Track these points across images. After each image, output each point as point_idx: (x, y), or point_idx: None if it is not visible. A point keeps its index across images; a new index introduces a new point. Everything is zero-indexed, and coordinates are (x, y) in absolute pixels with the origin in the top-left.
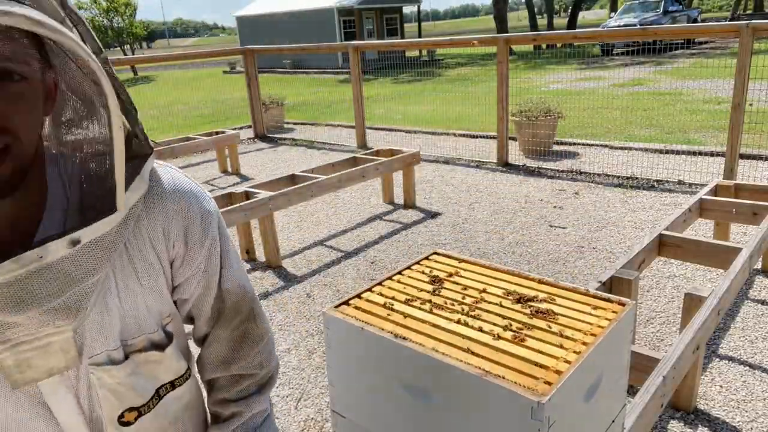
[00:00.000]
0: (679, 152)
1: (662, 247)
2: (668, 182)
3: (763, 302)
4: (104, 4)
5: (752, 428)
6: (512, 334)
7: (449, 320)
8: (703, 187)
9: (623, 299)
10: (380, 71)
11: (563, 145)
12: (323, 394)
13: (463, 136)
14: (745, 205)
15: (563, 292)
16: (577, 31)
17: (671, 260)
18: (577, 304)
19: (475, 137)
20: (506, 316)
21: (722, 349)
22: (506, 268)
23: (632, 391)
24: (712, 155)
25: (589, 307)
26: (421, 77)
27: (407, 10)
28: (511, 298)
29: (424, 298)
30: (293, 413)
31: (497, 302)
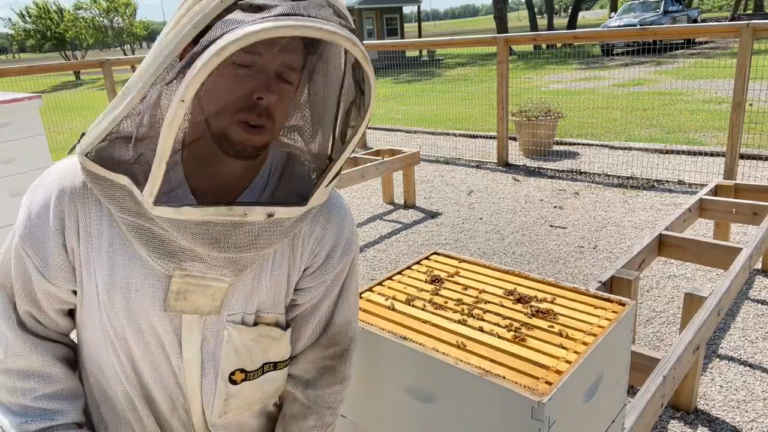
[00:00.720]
0: (679, 152)
1: (662, 247)
2: (668, 182)
3: (763, 302)
4: (104, 4)
5: (752, 428)
6: (512, 334)
7: (449, 320)
8: (703, 187)
9: (623, 299)
10: (380, 71)
11: (563, 145)
12: None
13: (463, 136)
14: (745, 205)
15: (563, 292)
16: (577, 31)
17: (671, 260)
18: (577, 304)
19: (475, 137)
20: (506, 316)
21: (722, 349)
22: (506, 268)
23: (632, 391)
24: (712, 155)
25: (589, 307)
26: (421, 77)
27: (407, 10)
28: (511, 298)
29: (424, 298)
30: None
31: (497, 302)
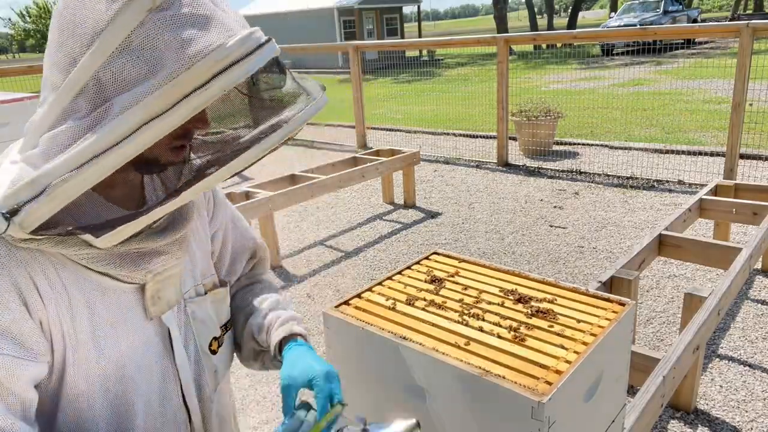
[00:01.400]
0: (679, 152)
1: (662, 247)
2: (668, 182)
3: (763, 302)
4: None
5: (752, 428)
6: (512, 333)
7: (449, 320)
8: (703, 187)
9: (623, 299)
10: (380, 71)
11: (563, 145)
12: None
13: (463, 136)
14: (745, 205)
15: (563, 292)
16: (577, 31)
17: (671, 260)
18: (577, 304)
19: (475, 137)
20: (506, 315)
21: (722, 349)
22: (506, 268)
23: (632, 391)
24: (712, 155)
25: (589, 307)
26: (421, 77)
27: (407, 10)
28: (511, 298)
29: (424, 297)
30: None
31: (497, 302)
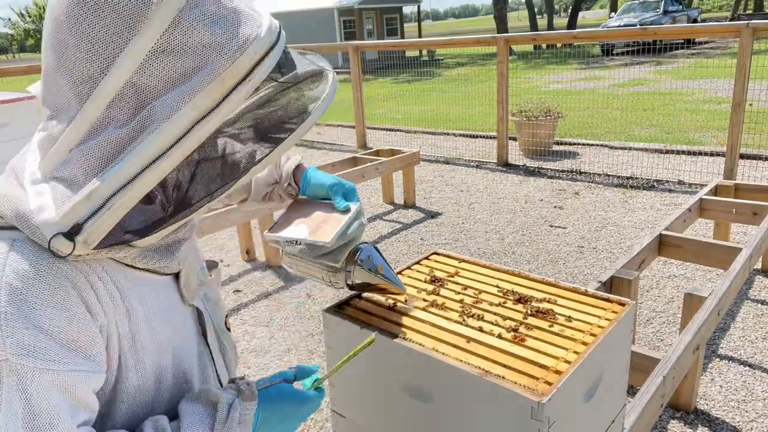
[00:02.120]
0: (679, 152)
1: (662, 247)
2: (668, 182)
3: (763, 302)
4: None
5: (752, 428)
6: (512, 333)
7: (449, 320)
8: (703, 187)
9: (623, 299)
10: (380, 71)
11: (563, 145)
12: None
13: (463, 136)
14: (745, 205)
15: (563, 292)
16: (577, 31)
17: (671, 260)
18: (577, 304)
19: (475, 137)
20: (506, 315)
21: (722, 349)
22: (506, 268)
23: (632, 391)
24: (712, 155)
25: (589, 307)
26: (421, 77)
27: (407, 10)
28: (511, 298)
29: (424, 298)
30: None
31: (497, 302)
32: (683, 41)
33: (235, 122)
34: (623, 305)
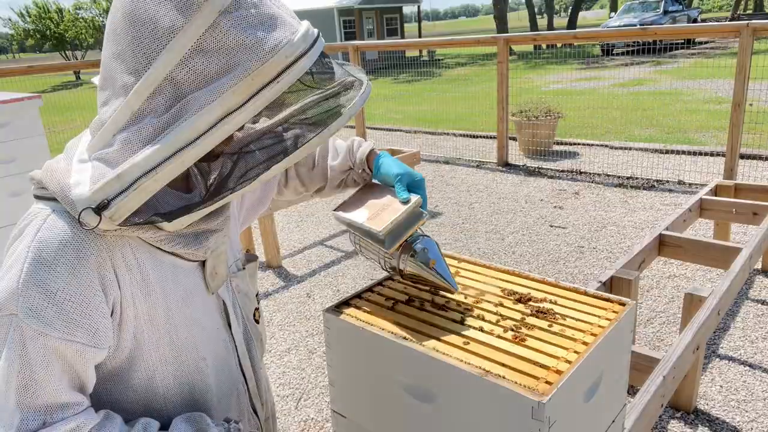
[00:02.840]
0: (679, 152)
1: (662, 247)
2: (668, 182)
3: (763, 302)
4: (104, 4)
5: (752, 428)
6: (512, 333)
7: (449, 320)
8: (703, 187)
9: (623, 299)
10: (380, 71)
11: (563, 145)
12: (323, 394)
13: (463, 136)
14: (745, 205)
15: (563, 292)
16: (577, 31)
17: (671, 260)
18: (577, 304)
19: (475, 137)
20: (506, 316)
21: (722, 349)
22: (506, 268)
23: (632, 391)
24: (712, 155)
25: (589, 307)
26: (421, 77)
27: (407, 10)
28: (511, 297)
29: (424, 297)
30: (293, 413)
31: (497, 302)
32: (683, 41)
33: (279, 123)
34: (623, 305)
